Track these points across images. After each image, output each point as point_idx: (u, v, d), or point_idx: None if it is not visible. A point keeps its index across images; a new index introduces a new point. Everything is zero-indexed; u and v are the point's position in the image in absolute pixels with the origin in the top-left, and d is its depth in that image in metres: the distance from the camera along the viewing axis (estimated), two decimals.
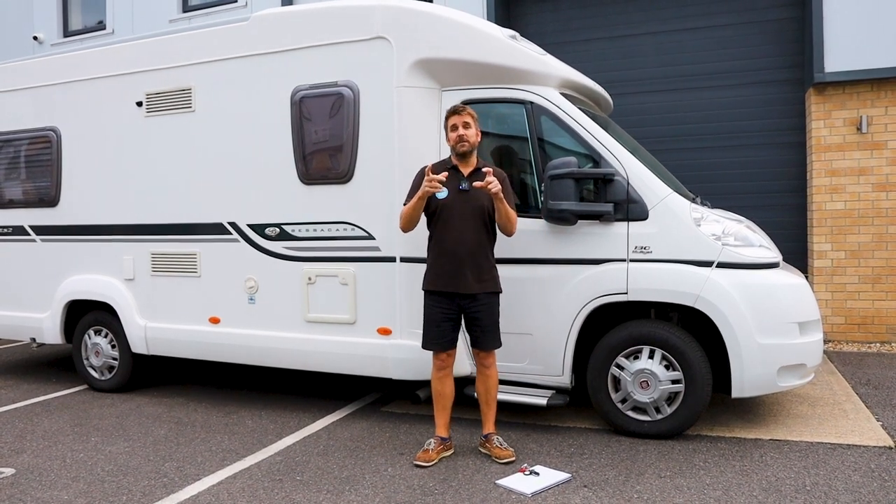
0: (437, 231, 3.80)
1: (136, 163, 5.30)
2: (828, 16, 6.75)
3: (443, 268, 3.75)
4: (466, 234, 3.71)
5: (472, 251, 3.72)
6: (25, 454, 4.16)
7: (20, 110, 5.87)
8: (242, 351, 4.97)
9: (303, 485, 3.55)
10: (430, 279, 3.82)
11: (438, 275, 3.76)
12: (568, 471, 3.61)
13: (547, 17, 8.25)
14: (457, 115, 3.76)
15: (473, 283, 3.72)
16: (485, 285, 3.75)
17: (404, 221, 3.83)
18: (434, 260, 3.81)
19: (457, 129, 3.75)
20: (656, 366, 4.01)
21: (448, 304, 3.75)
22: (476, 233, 3.73)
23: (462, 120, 3.75)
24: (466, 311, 3.77)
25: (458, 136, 3.74)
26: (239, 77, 4.88)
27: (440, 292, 3.76)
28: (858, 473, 3.51)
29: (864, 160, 6.82)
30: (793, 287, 4.03)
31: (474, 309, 3.74)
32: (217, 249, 5.02)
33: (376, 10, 4.43)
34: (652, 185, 4.03)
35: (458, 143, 3.74)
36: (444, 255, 3.74)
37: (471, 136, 3.75)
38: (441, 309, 3.76)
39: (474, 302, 3.74)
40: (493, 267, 3.82)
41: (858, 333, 6.88)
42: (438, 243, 3.78)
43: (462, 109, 3.78)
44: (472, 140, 3.76)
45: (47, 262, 5.77)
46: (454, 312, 3.77)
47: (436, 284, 3.77)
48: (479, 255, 3.74)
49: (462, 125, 3.74)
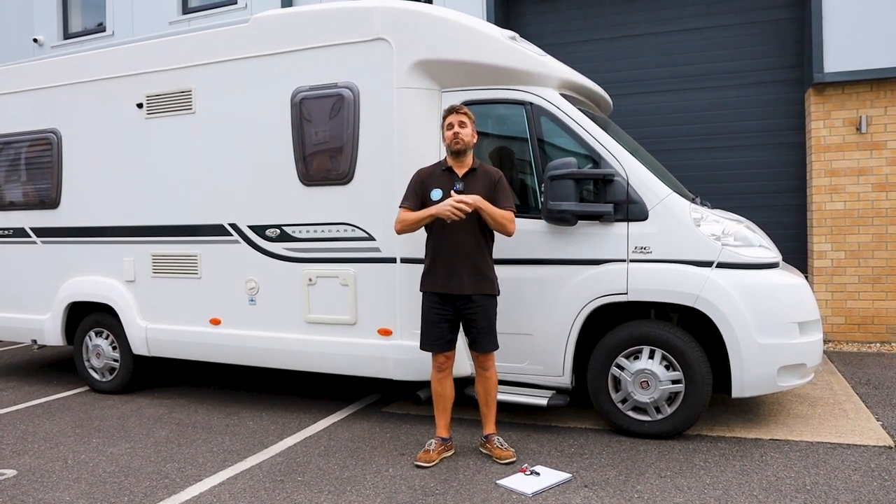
0: (433, 233, 3.80)
1: (137, 164, 5.31)
2: (827, 16, 6.76)
3: (439, 269, 3.75)
4: (462, 236, 3.71)
5: (468, 252, 3.72)
6: (27, 455, 4.17)
7: (21, 112, 5.87)
8: (243, 352, 4.98)
9: (304, 485, 3.56)
10: (426, 281, 3.82)
11: (435, 276, 3.77)
12: (569, 471, 3.62)
13: (547, 17, 8.26)
14: (453, 115, 3.78)
15: (468, 285, 3.71)
16: (480, 287, 3.74)
17: (403, 227, 3.80)
18: (431, 261, 3.81)
19: (452, 128, 3.76)
20: (656, 366, 4.02)
21: (444, 306, 3.76)
22: (472, 234, 3.73)
23: (458, 119, 3.76)
24: (462, 313, 3.77)
25: (454, 134, 3.74)
26: (239, 78, 4.88)
27: (437, 294, 3.76)
28: (858, 473, 3.52)
29: (864, 160, 6.83)
30: (793, 287, 4.04)
31: (470, 311, 3.74)
32: (218, 251, 5.03)
33: (376, 12, 4.44)
34: (652, 186, 4.04)
35: (453, 140, 3.75)
36: (441, 256, 3.75)
37: (466, 134, 3.76)
38: (438, 310, 3.76)
39: (470, 304, 3.74)
40: (490, 269, 3.81)
41: (858, 333, 6.89)
42: (435, 245, 3.79)
43: (459, 109, 3.79)
44: (466, 139, 3.76)
45: (48, 264, 5.78)
46: (451, 314, 3.77)
47: (432, 286, 3.78)
48: (475, 257, 3.74)
49: (458, 124, 3.75)
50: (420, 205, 3.78)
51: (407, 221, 3.78)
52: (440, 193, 3.73)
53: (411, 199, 3.81)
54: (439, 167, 3.86)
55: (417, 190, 3.81)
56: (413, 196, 3.81)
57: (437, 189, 3.76)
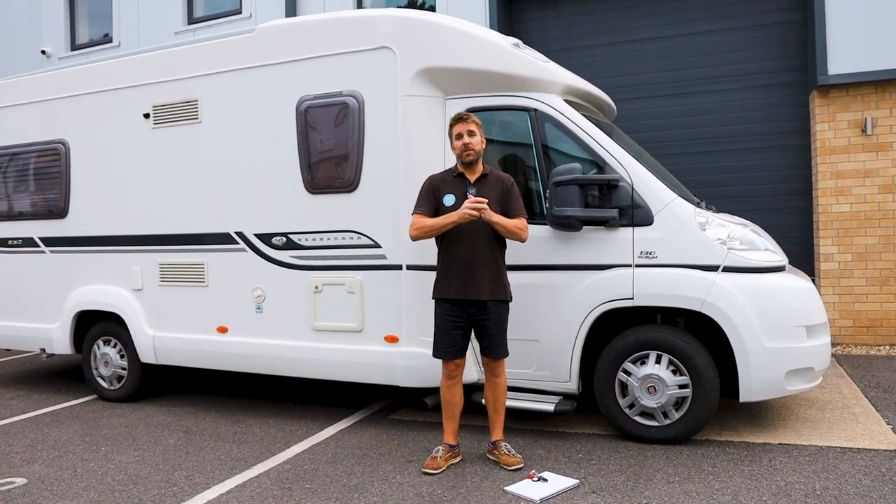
0: (446, 239, 3.79)
1: (144, 174, 5.35)
2: (830, 18, 6.75)
3: (453, 276, 3.74)
4: (476, 242, 3.71)
5: (482, 258, 3.72)
6: (37, 464, 4.19)
7: (29, 123, 5.93)
8: (250, 360, 4.99)
9: (312, 493, 3.56)
10: (440, 288, 3.81)
11: (448, 283, 3.76)
12: (576, 477, 3.61)
13: (549, 23, 8.29)
14: (461, 123, 3.76)
15: (484, 291, 3.71)
16: (495, 293, 3.74)
17: (420, 233, 3.76)
18: (444, 268, 3.80)
19: (462, 138, 3.75)
20: (663, 371, 4.01)
21: (458, 313, 3.75)
22: (486, 240, 3.73)
23: (467, 128, 3.75)
24: (475, 319, 3.77)
25: (464, 145, 3.74)
26: (245, 88, 4.92)
27: (450, 300, 3.76)
28: (869, 477, 3.50)
29: (870, 162, 6.80)
30: (799, 290, 4.03)
31: (483, 317, 3.74)
32: (224, 259, 5.05)
33: (380, 21, 4.46)
34: (656, 191, 4.04)
35: (464, 151, 3.75)
36: (455, 263, 3.74)
37: (476, 144, 3.76)
38: (451, 317, 3.76)
39: (484, 310, 3.74)
40: (504, 275, 3.81)
41: (867, 336, 6.85)
42: (448, 252, 3.78)
43: (466, 117, 3.77)
44: (477, 148, 3.76)
45: (56, 273, 5.81)
46: (464, 321, 3.77)
47: (446, 292, 3.77)
48: (489, 263, 3.74)
49: (467, 133, 3.74)
50: (434, 211, 3.78)
51: (425, 227, 3.75)
52: (453, 199, 3.73)
53: (424, 205, 3.80)
54: (450, 173, 3.87)
55: (430, 196, 3.81)
56: (426, 202, 3.80)
57: (450, 195, 3.76)
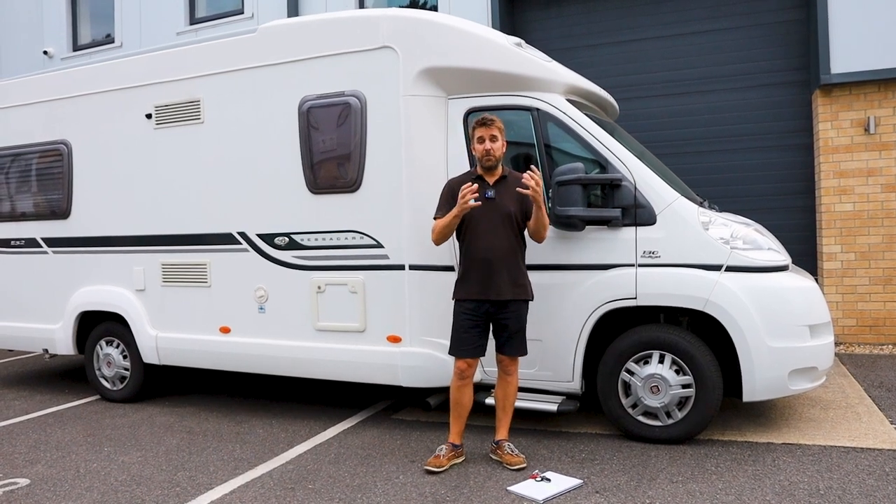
0: (467, 240, 3.81)
1: (146, 174, 5.35)
2: (833, 17, 6.74)
3: (473, 276, 3.75)
4: (497, 242, 3.73)
5: (503, 258, 3.73)
6: (39, 465, 4.20)
7: (31, 124, 5.94)
8: (253, 360, 4.99)
9: (315, 493, 3.56)
10: (460, 288, 3.82)
11: (469, 283, 3.77)
12: (579, 476, 3.61)
13: (552, 23, 8.28)
14: (484, 128, 3.76)
15: (506, 290, 3.72)
16: (517, 292, 3.76)
17: (437, 236, 3.85)
18: (466, 269, 3.81)
19: (483, 142, 3.76)
20: (666, 370, 4.01)
21: (477, 312, 3.76)
22: (507, 239, 3.75)
23: (490, 133, 3.75)
24: (495, 318, 3.78)
25: (485, 150, 3.75)
26: (247, 88, 4.92)
27: (471, 300, 3.76)
28: (873, 477, 3.49)
29: (873, 161, 6.79)
30: (802, 290, 4.02)
31: (503, 316, 3.75)
32: (227, 259, 5.05)
33: (382, 20, 4.46)
34: (659, 190, 4.04)
35: (485, 156, 3.76)
36: (477, 263, 3.75)
37: (497, 150, 3.77)
38: (470, 317, 3.77)
39: (505, 309, 3.75)
40: (524, 275, 3.83)
41: (870, 335, 6.84)
42: (469, 252, 3.80)
43: (490, 122, 3.76)
44: (497, 154, 3.78)
45: (59, 274, 5.82)
46: (483, 320, 3.78)
47: (467, 293, 3.78)
48: (511, 262, 3.75)
49: (489, 138, 3.75)
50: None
51: (436, 229, 3.82)
52: (472, 201, 3.74)
53: (444, 210, 3.83)
54: (469, 176, 3.89)
55: (449, 199, 3.81)
56: (446, 206, 3.82)
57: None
